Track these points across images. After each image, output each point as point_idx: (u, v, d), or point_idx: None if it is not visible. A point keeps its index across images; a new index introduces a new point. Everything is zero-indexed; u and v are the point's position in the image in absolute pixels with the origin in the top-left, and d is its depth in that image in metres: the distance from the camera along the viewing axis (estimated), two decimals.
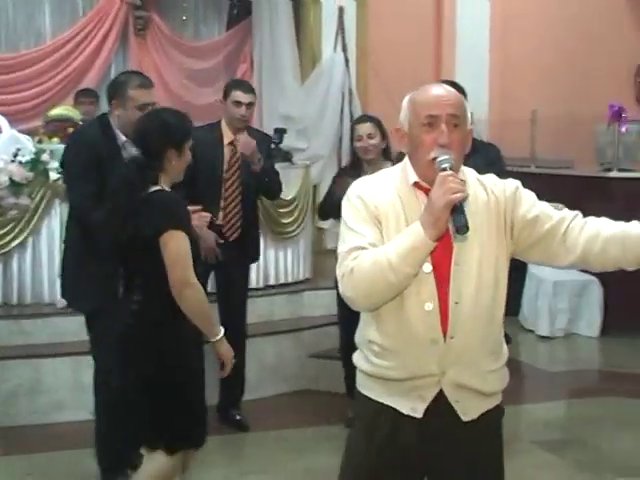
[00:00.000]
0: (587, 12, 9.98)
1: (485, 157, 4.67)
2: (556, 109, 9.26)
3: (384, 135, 5.25)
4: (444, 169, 2.43)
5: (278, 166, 5.61)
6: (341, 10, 8.67)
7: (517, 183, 2.67)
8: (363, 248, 2.49)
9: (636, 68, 10.72)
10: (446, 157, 2.45)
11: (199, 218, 4.12)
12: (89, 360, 4.88)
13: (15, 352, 5.46)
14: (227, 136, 5.21)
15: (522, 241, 2.61)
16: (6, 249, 5.74)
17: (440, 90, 2.57)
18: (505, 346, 2.70)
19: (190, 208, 3.70)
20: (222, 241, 5.07)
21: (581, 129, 9.15)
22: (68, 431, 5.22)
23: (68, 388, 5.40)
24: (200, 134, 4.88)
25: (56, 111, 6.59)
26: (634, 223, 2.59)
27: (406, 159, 2.63)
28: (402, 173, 2.63)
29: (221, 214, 5.13)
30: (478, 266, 2.53)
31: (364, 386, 2.67)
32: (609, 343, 7.33)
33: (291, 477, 4.78)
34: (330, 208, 5.29)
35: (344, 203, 2.62)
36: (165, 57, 8.96)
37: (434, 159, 2.47)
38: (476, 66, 9.61)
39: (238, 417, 5.33)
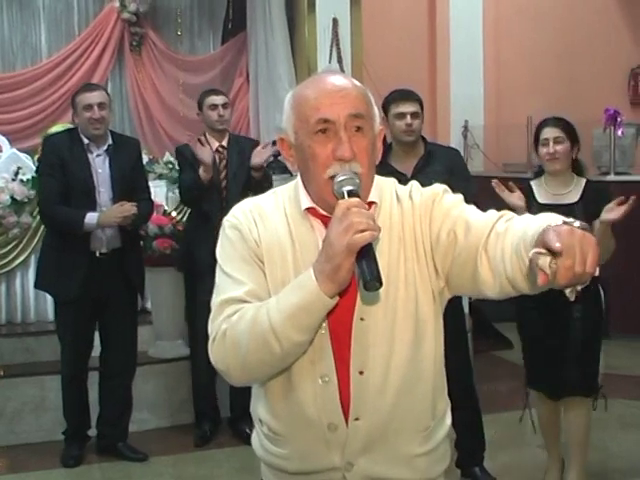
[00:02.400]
0: (580, 17, 10.03)
1: (444, 164, 4.41)
2: (552, 113, 9.28)
3: None
4: (346, 194, 1.79)
5: (278, 177, 5.68)
6: (335, 22, 8.70)
7: (439, 189, 1.99)
8: (241, 301, 1.87)
9: (630, 72, 10.76)
10: (347, 176, 1.82)
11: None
12: (93, 376, 5.00)
13: (20, 370, 5.51)
14: (213, 144, 5.30)
15: (450, 270, 1.91)
16: (9, 267, 5.82)
17: (333, 81, 1.91)
18: (448, 412, 2.08)
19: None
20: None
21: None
22: None
23: None
24: (190, 151, 5.08)
25: (55, 129, 6.63)
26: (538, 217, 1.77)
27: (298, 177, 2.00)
28: (293, 193, 1.99)
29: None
30: (390, 319, 1.89)
31: (265, 477, 2.12)
32: (609, 345, 7.34)
33: None
34: None
35: (220, 235, 2.04)
36: (161, 72, 9.01)
37: (332, 178, 1.84)
38: (471, 72, 9.67)
39: (248, 430, 5.34)
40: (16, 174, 5.73)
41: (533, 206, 4.06)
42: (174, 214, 5.97)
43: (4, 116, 8.47)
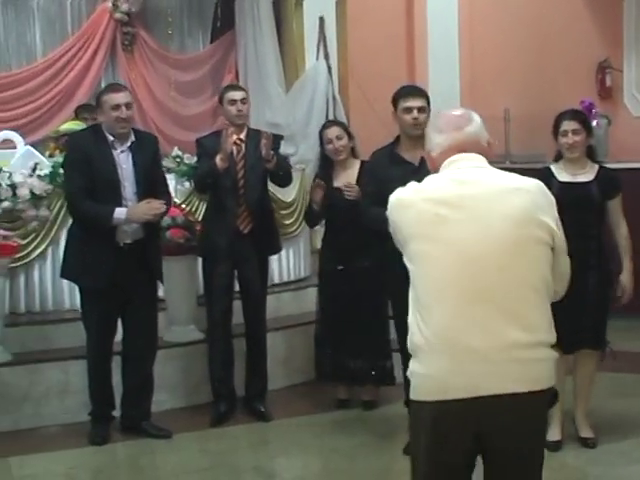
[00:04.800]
0: (550, 13, 10.35)
1: None
2: (526, 106, 9.69)
3: (350, 135, 5.66)
4: None
5: None
6: (322, 20, 9.02)
7: None
8: None
9: (597, 65, 11.14)
10: None
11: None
12: (115, 360, 5.27)
13: (43, 356, 5.73)
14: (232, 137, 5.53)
15: None
16: (28, 259, 6.02)
17: None
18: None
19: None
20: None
21: (550, 124, 9.60)
22: None
23: None
24: (213, 140, 5.37)
25: (66, 126, 6.89)
26: None
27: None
28: None
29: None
30: None
31: None
32: None
33: (319, 456, 5.14)
34: (308, 216, 5.89)
35: None
36: (153, 70, 9.28)
37: None
38: (447, 67, 9.99)
39: (262, 409, 5.66)
40: (34, 169, 5.95)
41: (553, 185, 4.56)
42: (183, 206, 6.26)
43: (1, 114, 8.68)
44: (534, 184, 2.69)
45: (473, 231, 2.55)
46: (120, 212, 4.96)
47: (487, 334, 2.50)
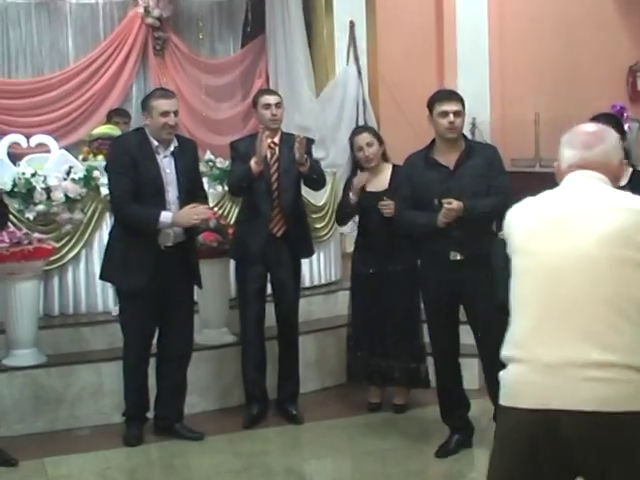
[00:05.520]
0: (579, 16, 10.39)
1: (483, 159, 4.86)
2: (557, 110, 9.67)
3: (381, 141, 5.64)
4: None
5: None
6: (352, 24, 9.05)
7: None
8: None
9: (628, 69, 11.12)
10: None
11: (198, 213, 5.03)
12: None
13: (77, 358, 5.78)
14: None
15: None
16: (62, 262, 6.07)
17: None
18: None
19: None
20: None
21: None
22: None
23: None
24: (247, 144, 5.40)
25: (99, 130, 6.96)
26: None
27: None
28: None
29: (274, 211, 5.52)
30: None
31: None
32: None
33: (351, 459, 5.16)
34: (339, 214, 5.89)
35: None
36: (184, 75, 9.35)
37: None
38: (477, 71, 9.99)
39: (294, 412, 5.67)
40: (68, 173, 6.02)
41: None
42: (215, 209, 6.30)
43: (32, 119, 8.79)
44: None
45: (563, 247, 2.57)
46: (166, 216, 5.00)
47: (560, 349, 2.51)
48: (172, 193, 5.12)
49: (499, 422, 2.71)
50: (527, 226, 2.70)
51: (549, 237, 2.62)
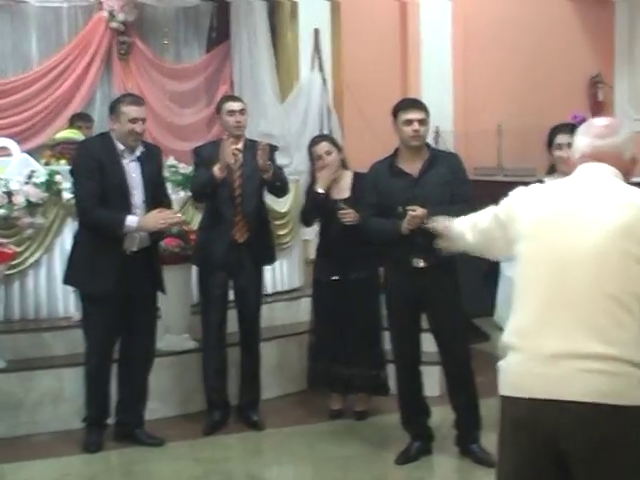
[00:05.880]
0: (543, 28, 10.51)
1: (446, 167, 4.90)
2: (519, 120, 9.78)
3: (339, 148, 5.69)
4: None
5: None
6: (317, 31, 9.09)
7: None
8: None
9: (589, 80, 11.25)
10: None
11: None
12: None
13: (38, 363, 5.75)
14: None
15: None
16: (22, 267, 6.03)
17: None
18: None
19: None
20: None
21: (541, 139, 9.68)
22: None
23: None
24: (210, 150, 5.41)
25: (62, 134, 6.91)
26: None
27: None
28: None
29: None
30: None
31: None
32: None
33: (312, 466, 5.17)
34: (304, 215, 5.87)
35: None
36: (148, 80, 9.30)
37: None
38: (440, 81, 10.10)
39: (255, 418, 5.68)
40: (30, 177, 5.98)
41: None
42: (179, 214, 6.27)
43: None
44: None
45: (572, 240, 2.60)
46: (132, 220, 4.99)
47: (562, 340, 2.55)
48: (138, 197, 5.12)
49: (501, 412, 2.73)
50: (538, 214, 2.73)
51: (559, 228, 2.65)
